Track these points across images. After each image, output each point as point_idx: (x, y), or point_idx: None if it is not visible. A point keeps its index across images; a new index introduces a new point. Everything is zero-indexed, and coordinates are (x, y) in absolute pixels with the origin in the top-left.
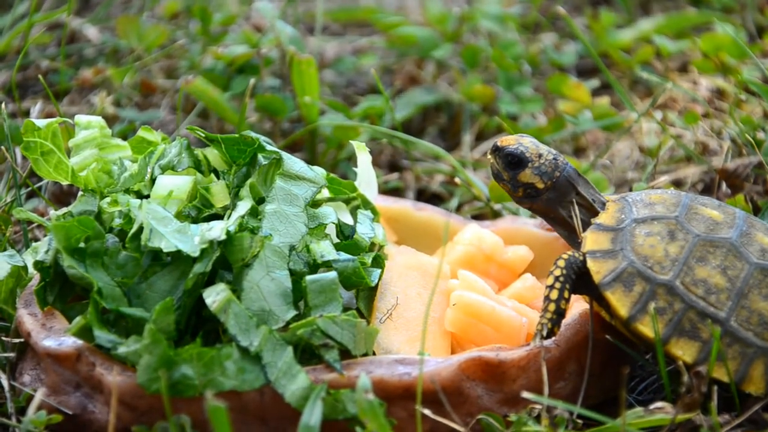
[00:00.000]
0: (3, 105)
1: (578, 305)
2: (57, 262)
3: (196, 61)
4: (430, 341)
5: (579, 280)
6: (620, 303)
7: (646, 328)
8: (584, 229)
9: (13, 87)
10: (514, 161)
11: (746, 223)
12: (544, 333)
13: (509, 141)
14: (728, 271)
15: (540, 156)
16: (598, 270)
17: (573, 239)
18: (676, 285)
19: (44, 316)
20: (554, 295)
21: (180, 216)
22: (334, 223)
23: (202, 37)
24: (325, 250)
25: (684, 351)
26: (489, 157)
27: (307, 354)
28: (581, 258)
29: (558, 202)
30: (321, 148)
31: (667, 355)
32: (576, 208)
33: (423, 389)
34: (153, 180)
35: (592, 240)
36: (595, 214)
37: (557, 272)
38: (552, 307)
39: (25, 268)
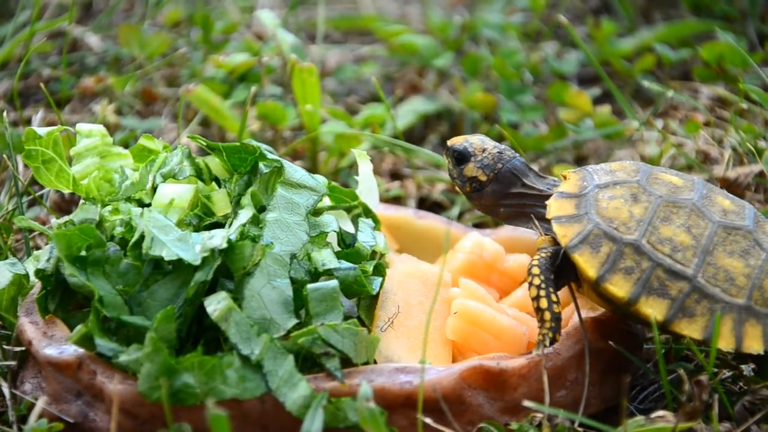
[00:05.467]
0: (4, 113)
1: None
2: (58, 270)
3: (198, 70)
4: (432, 350)
5: (557, 273)
6: (588, 264)
7: (615, 287)
8: (539, 219)
9: (14, 95)
10: (458, 157)
11: (705, 187)
12: (547, 343)
13: (458, 140)
14: (693, 230)
15: (484, 150)
16: (565, 233)
17: (534, 225)
18: (642, 244)
19: (45, 324)
20: (543, 303)
21: (181, 224)
22: (335, 231)
23: (203, 45)
24: (326, 258)
25: (654, 308)
26: (444, 157)
27: (308, 362)
28: (549, 254)
29: (504, 193)
30: (322, 156)
31: (637, 314)
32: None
33: (424, 398)
34: (154, 188)
35: (556, 206)
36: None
37: (536, 281)
38: (547, 315)
39: (26, 276)
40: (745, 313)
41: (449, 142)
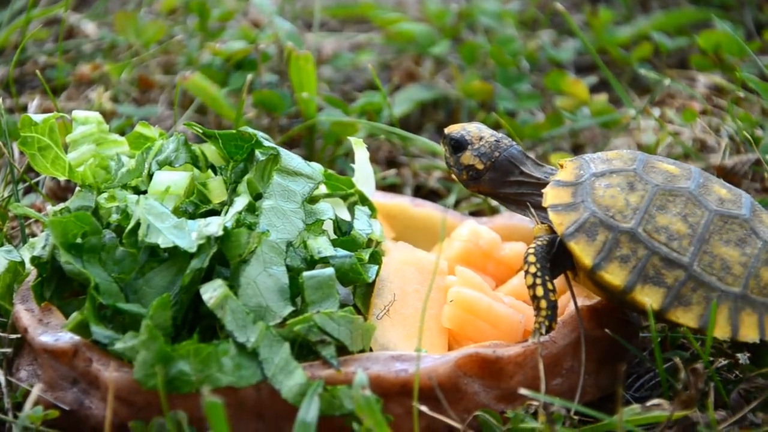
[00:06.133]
0: (0, 100)
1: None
2: (54, 257)
3: (194, 57)
4: (427, 338)
5: (553, 262)
6: (584, 252)
7: (611, 275)
8: (536, 208)
9: (10, 82)
10: (455, 145)
11: (702, 176)
12: (543, 331)
13: (455, 128)
14: (689, 218)
15: (481, 139)
16: (561, 222)
17: (530, 214)
18: (638, 232)
19: (41, 311)
20: (540, 292)
21: (177, 212)
22: (331, 219)
23: (199, 32)
24: (322, 246)
25: (650, 297)
26: (441, 145)
27: (304, 350)
28: (545, 242)
29: (501, 181)
30: (319, 144)
31: (633, 302)
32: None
33: (420, 386)
34: (150, 176)
35: (552, 195)
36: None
37: (532, 269)
38: (543, 303)
39: (22, 263)
40: (741, 302)
41: (446, 130)
